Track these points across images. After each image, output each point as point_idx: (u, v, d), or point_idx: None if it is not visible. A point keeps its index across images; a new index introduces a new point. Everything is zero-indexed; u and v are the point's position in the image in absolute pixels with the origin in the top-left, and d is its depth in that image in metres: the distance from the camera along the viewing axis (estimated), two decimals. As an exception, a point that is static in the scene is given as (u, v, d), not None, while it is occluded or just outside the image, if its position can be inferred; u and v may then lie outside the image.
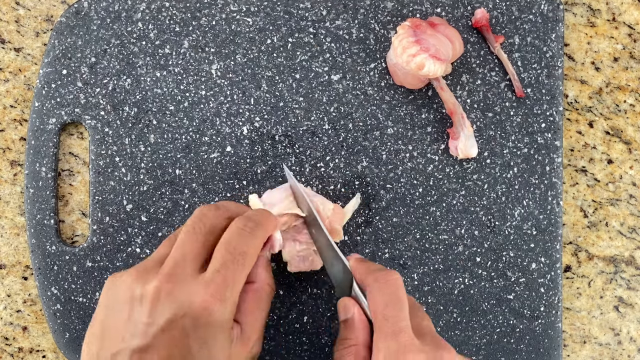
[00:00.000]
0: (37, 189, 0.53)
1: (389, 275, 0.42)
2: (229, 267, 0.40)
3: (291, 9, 0.53)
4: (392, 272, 0.42)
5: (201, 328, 0.38)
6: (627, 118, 0.56)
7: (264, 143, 0.53)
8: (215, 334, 0.38)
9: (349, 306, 0.43)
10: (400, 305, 0.41)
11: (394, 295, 0.41)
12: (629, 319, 0.56)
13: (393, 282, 0.41)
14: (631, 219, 0.56)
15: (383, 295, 0.41)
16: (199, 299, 0.38)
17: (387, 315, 0.40)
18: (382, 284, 0.41)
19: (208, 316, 0.38)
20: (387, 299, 0.41)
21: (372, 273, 0.42)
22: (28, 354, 0.55)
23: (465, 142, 0.51)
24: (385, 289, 0.41)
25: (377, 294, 0.41)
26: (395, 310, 0.40)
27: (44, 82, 0.53)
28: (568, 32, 0.56)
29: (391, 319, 0.40)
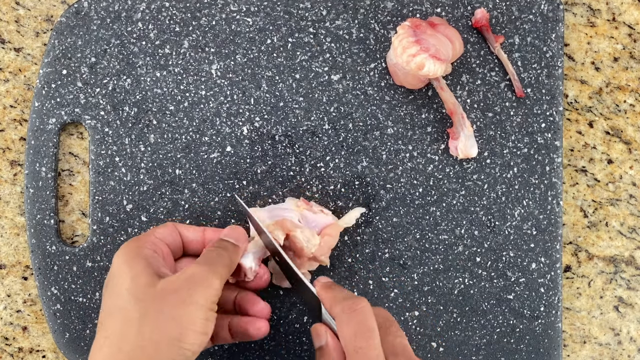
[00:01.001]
0: (37, 189, 0.53)
1: (355, 304, 0.41)
2: None
3: (291, 9, 0.53)
4: (359, 299, 0.41)
5: (116, 265, 0.43)
6: (627, 118, 0.56)
7: (264, 143, 0.53)
8: (128, 263, 0.42)
9: (321, 333, 0.42)
10: (369, 334, 0.40)
11: (362, 325, 0.40)
12: (629, 319, 0.56)
13: (360, 310, 0.41)
14: (631, 219, 0.56)
15: (351, 326, 0.40)
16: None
17: (357, 347, 0.39)
18: (349, 315, 0.41)
19: (120, 253, 0.43)
20: (355, 329, 0.40)
21: (339, 303, 0.42)
22: (28, 354, 0.55)
23: (465, 142, 0.51)
24: (352, 319, 0.40)
25: (345, 325, 0.40)
26: (364, 340, 0.40)
27: (44, 82, 0.53)
28: (568, 32, 0.56)
29: (361, 350, 0.39)
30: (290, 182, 0.53)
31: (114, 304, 0.41)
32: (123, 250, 0.43)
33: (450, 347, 0.53)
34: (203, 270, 0.41)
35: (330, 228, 0.50)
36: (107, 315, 0.41)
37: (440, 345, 0.53)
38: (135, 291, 0.40)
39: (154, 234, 0.45)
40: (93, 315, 0.53)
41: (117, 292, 0.41)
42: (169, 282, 0.41)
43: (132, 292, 0.40)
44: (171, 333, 0.39)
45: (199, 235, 0.47)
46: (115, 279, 0.42)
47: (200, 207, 0.53)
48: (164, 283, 0.41)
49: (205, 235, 0.47)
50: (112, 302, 0.41)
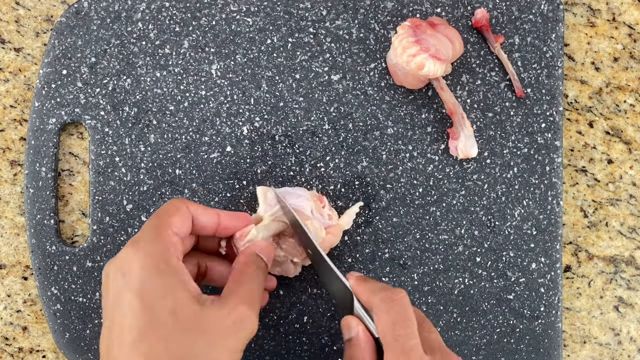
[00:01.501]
0: (37, 189, 0.53)
1: (394, 294, 0.41)
2: (144, 224, 0.42)
3: (291, 9, 0.53)
4: (397, 290, 0.42)
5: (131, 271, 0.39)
6: (627, 118, 0.56)
7: (264, 143, 0.53)
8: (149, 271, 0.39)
9: (352, 325, 0.43)
10: (408, 323, 0.40)
11: (402, 315, 0.41)
12: (629, 319, 0.56)
13: (399, 300, 0.41)
14: (631, 219, 0.56)
15: (390, 315, 0.41)
16: (121, 252, 0.40)
17: (396, 335, 0.40)
18: (389, 304, 0.41)
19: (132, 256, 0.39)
20: (395, 318, 0.40)
21: (377, 294, 0.42)
22: (28, 354, 0.55)
23: (465, 142, 0.51)
24: (392, 308, 0.41)
25: (385, 314, 0.41)
26: (404, 328, 0.40)
27: (44, 82, 0.53)
28: (568, 32, 0.56)
29: (400, 338, 0.40)
30: (290, 182, 0.53)
31: (150, 323, 0.38)
32: (147, 257, 0.39)
33: (450, 347, 0.53)
34: (249, 312, 0.40)
35: (333, 227, 0.50)
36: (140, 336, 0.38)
37: (440, 345, 0.53)
38: (182, 320, 0.38)
39: (170, 227, 0.42)
40: (93, 315, 0.53)
41: (153, 309, 0.38)
42: (217, 321, 0.39)
43: (179, 321, 0.38)
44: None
45: (214, 220, 0.45)
46: (146, 291, 0.38)
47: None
48: (210, 320, 0.39)
49: (220, 221, 0.45)
50: (147, 320, 0.38)
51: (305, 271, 0.53)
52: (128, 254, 0.40)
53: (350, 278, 0.44)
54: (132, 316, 0.38)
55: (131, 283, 0.39)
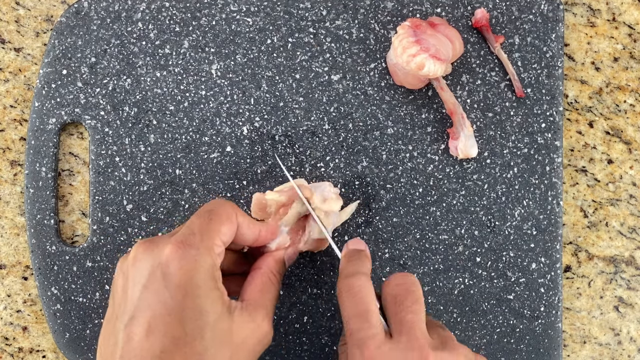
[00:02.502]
0: (37, 189, 0.53)
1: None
2: (194, 222, 0.39)
3: (291, 9, 0.53)
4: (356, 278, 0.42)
5: (176, 276, 0.36)
6: (627, 118, 0.56)
7: (264, 143, 0.53)
8: (196, 284, 0.37)
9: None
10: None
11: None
12: (629, 319, 0.56)
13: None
14: (631, 219, 0.56)
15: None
16: (167, 248, 0.37)
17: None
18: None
19: (179, 261, 0.37)
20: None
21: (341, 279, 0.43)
22: (28, 354, 0.55)
23: (465, 142, 0.51)
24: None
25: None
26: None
27: (44, 82, 0.53)
28: (568, 32, 0.56)
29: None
30: (290, 182, 0.53)
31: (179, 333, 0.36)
32: (197, 266, 0.37)
33: (450, 347, 0.53)
34: (270, 329, 0.40)
35: None
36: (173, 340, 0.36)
37: (440, 345, 0.53)
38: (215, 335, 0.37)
39: (219, 235, 0.39)
40: (93, 315, 0.53)
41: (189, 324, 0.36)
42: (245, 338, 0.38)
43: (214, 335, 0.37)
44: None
45: (255, 235, 0.43)
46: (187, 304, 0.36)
47: (200, 207, 0.53)
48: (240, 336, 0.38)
49: (260, 236, 0.44)
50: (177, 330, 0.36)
51: (305, 271, 0.53)
52: (175, 254, 0.37)
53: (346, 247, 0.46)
54: (165, 324, 0.36)
55: (173, 288, 0.37)
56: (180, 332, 0.36)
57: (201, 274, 0.37)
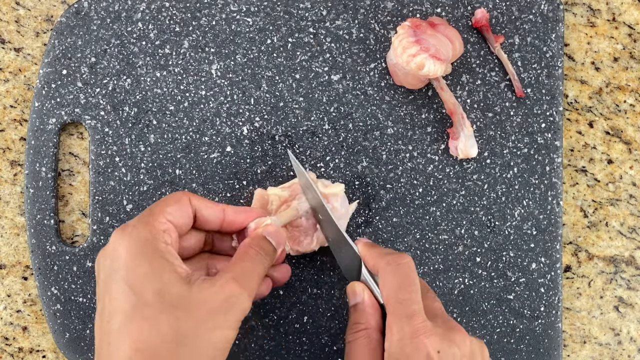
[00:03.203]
0: (37, 189, 0.53)
1: (400, 258, 0.42)
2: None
3: (291, 9, 0.53)
4: (403, 255, 0.42)
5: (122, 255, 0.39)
6: (627, 118, 0.56)
7: (264, 143, 0.53)
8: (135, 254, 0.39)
9: (358, 290, 0.43)
10: (412, 287, 0.41)
11: (407, 278, 0.41)
12: (629, 319, 0.56)
13: (405, 265, 0.42)
14: (631, 219, 0.56)
15: (395, 279, 0.41)
16: (113, 236, 0.40)
17: (400, 299, 0.40)
18: (394, 267, 0.42)
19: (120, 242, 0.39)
20: (399, 282, 0.41)
21: (384, 257, 0.42)
22: (28, 354, 0.55)
23: (465, 142, 0.51)
24: (397, 272, 0.41)
25: (390, 277, 0.41)
26: (408, 293, 0.41)
27: (44, 82, 0.53)
28: (568, 32, 0.56)
29: (404, 302, 0.40)
30: (290, 182, 0.53)
31: (135, 305, 0.38)
32: (132, 240, 0.39)
33: (450, 347, 0.53)
34: (241, 291, 0.39)
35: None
36: (127, 318, 0.38)
37: (440, 345, 0.53)
38: (168, 300, 0.38)
39: (164, 214, 0.41)
40: (93, 315, 0.53)
41: (139, 291, 0.38)
42: (204, 299, 0.38)
43: (165, 301, 0.38)
44: (206, 357, 0.38)
45: (218, 215, 0.44)
46: (131, 274, 0.38)
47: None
48: (198, 298, 0.38)
49: (225, 216, 0.44)
50: (132, 302, 0.38)
51: (305, 271, 0.53)
52: (115, 239, 0.40)
53: (359, 243, 0.45)
54: (120, 300, 0.38)
55: (118, 267, 0.39)
56: (131, 304, 0.38)
57: (138, 247, 0.39)
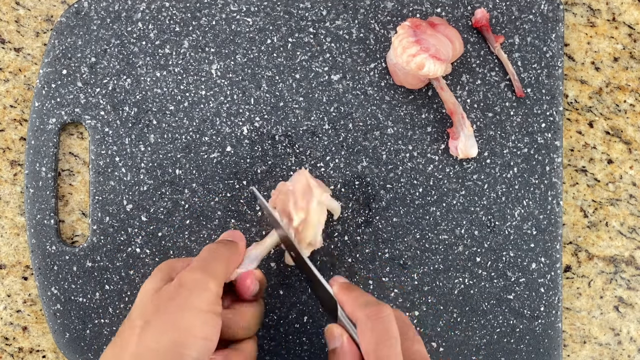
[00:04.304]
0: (37, 189, 0.53)
1: (380, 312, 0.40)
2: None
3: (291, 9, 0.53)
4: (383, 306, 0.41)
5: None
6: (627, 118, 0.56)
7: (264, 143, 0.53)
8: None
9: (336, 334, 0.42)
10: (392, 342, 0.40)
11: (386, 333, 0.40)
12: (629, 319, 0.56)
13: (384, 318, 0.40)
14: (631, 219, 0.56)
15: (374, 334, 0.40)
16: None
17: (379, 356, 0.39)
18: (374, 322, 0.40)
19: None
20: (378, 337, 0.40)
21: (362, 308, 0.41)
22: (28, 354, 0.55)
23: (465, 142, 0.51)
24: (376, 326, 0.40)
25: (369, 332, 0.40)
26: (387, 348, 0.39)
27: (44, 82, 0.53)
28: (568, 32, 0.56)
29: (383, 358, 0.39)
30: (290, 182, 0.53)
31: (128, 314, 0.42)
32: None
33: (450, 347, 0.53)
34: (197, 273, 0.41)
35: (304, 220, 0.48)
36: (125, 321, 0.41)
37: (440, 345, 0.53)
38: (143, 298, 0.41)
39: None
40: (93, 315, 0.53)
41: (135, 302, 0.42)
42: (166, 290, 0.41)
43: (141, 299, 0.41)
44: (170, 340, 0.39)
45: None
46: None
47: (200, 207, 0.53)
48: (163, 290, 0.41)
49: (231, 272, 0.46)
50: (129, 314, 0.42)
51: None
52: None
53: (334, 284, 0.44)
54: None
55: None
56: None
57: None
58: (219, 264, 0.43)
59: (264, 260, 0.53)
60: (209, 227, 0.53)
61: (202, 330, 0.39)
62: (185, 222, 0.53)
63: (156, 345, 0.38)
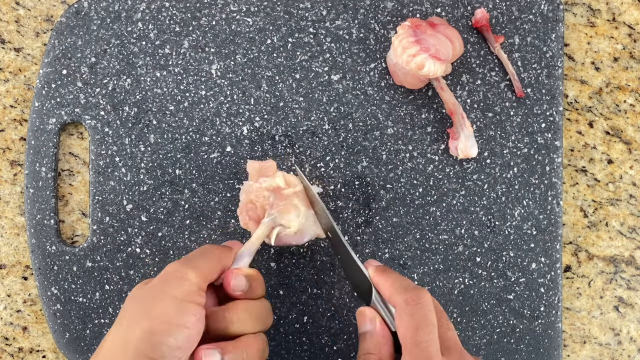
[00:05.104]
0: (37, 189, 0.53)
1: (419, 297, 0.40)
2: None
3: (291, 9, 0.53)
4: (422, 291, 0.41)
5: None
6: (627, 118, 0.56)
7: (264, 143, 0.53)
8: None
9: (368, 318, 0.42)
10: (430, 328, 0.39)
11: (425, 319, 0.40)
12: (629, 319, 0.56)
13: (424, 304, 0.40)
14: (631, 219, 0.56)
15: (414, 320, 0.40)
16: None
17: (417, 341, 0.39)
18: (413, 307, 0.40)
19: None
20: (417, 323, 0.39)
21: (401, 293, 0.41)
22: (28, 354, 0.55)
23: (465, 142, 0.51)
24: (416, 312, 0.40)
25: (407, 317, 0.40)
26: (426, 334, 0.39)
27: (44, 82, 0.53)
28: (568, 32, 0.56)
29: (422, 344, 0.39)
30: (290, 182, 0.53)
31: None
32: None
33: (450, 347, 0.53)
34: (177, 265, 0.41)
35: None
36: None
37: (440, 345, 0.53)
38: (130, 295, 0.42)
39: None
40: (93, 315, 0.53)
41: None
42: (147, 283, 0.41)
43: (129, 296, 0.42)
44: (143, 329, 0.38)
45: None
46: None
47: (200, 207, 0.53)
48: (145, 284, 0.41)
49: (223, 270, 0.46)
50: None
51: (305, 271, 0.53)
52: None
53: (370, 267, 0.44)
54: None
55: None
56: None
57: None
58: (204, 260, 0.43)
59: (264, 260, 0.53)
60: (209, 227, 0.53)
61: (178, 317, 0.39)
62: (185, 222, 0.53)
63: (131, 335, 0.38)
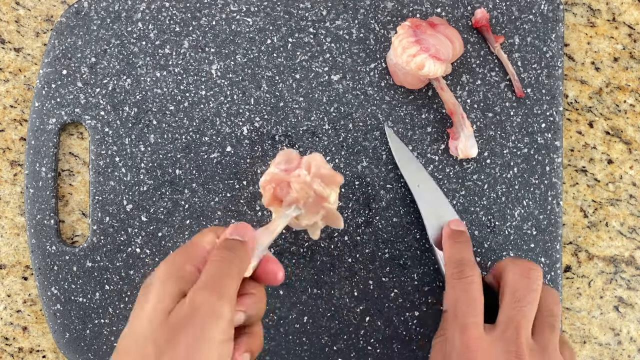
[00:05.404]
0: (37, 189, 0.53)
1: (463, 273, 0.46)
2: None
3: (291, 9, 0.53)
4: (468, 269, 0.46)
5: None
6: (627, 118, 0.56)
7: (264, 143, 0.53)
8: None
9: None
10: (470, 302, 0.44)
11: (466, 294, 0.45)
12: (629, 319, 0.56)
13: (466, 281, 0.46)
14: (631, 219, 0.56)
15: (454, 292, 0.45)
16: None
17: (456, 313, 0.44)
18: (456, 282, 0.46)
19: None
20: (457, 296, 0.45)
21: (450, 267, 0.47)
22: (28, 354, 0.55)
23: (465, 142, 0.51)
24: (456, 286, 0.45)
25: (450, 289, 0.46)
26: (465, 306, 0.44)
27: (44, 82, 0.53)
28: (568, 32, 0.56)
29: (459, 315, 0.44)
30: (290, 182, 0.53)
31: (133, 328, 0.37)
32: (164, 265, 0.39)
33: (450, 347, 0.53)
34: (210, 299, 0.37)
35: None
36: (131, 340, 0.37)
37: (440, 345, 0.53)
38: (153, 320, 0.37)
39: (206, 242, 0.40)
40: (93, 315, 0.53)
41: (140, 315, 0.37)
42: (177, 315, 0.37)
43: (150, 320, 0.37)
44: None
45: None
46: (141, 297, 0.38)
47: (200, 207, 0.53)
48: (174, 314, 0.37)
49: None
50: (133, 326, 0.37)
51: (305, 271, 0.53)
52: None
53: (446, 228, 0.51)
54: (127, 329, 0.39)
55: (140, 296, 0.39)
56: None
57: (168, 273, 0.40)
58: (231, 281, 0.38)
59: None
60: (209, 227, 0.53)
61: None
62: (185, 222, 0.53)
63: None
